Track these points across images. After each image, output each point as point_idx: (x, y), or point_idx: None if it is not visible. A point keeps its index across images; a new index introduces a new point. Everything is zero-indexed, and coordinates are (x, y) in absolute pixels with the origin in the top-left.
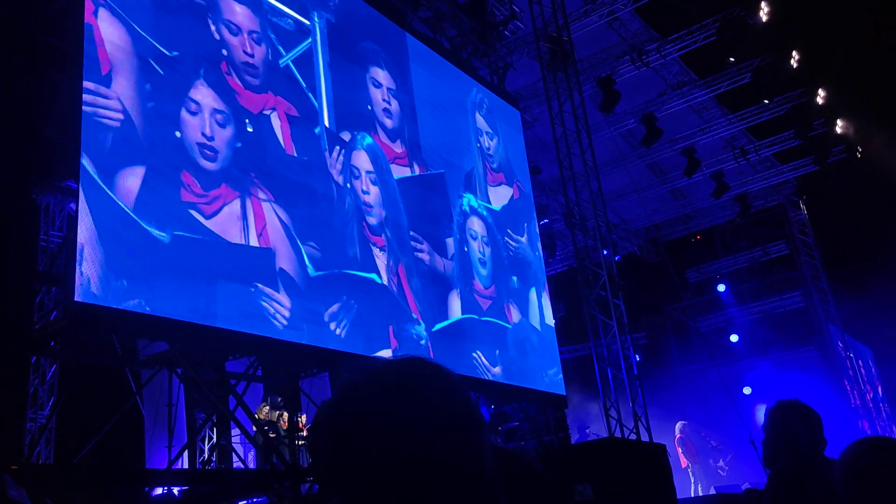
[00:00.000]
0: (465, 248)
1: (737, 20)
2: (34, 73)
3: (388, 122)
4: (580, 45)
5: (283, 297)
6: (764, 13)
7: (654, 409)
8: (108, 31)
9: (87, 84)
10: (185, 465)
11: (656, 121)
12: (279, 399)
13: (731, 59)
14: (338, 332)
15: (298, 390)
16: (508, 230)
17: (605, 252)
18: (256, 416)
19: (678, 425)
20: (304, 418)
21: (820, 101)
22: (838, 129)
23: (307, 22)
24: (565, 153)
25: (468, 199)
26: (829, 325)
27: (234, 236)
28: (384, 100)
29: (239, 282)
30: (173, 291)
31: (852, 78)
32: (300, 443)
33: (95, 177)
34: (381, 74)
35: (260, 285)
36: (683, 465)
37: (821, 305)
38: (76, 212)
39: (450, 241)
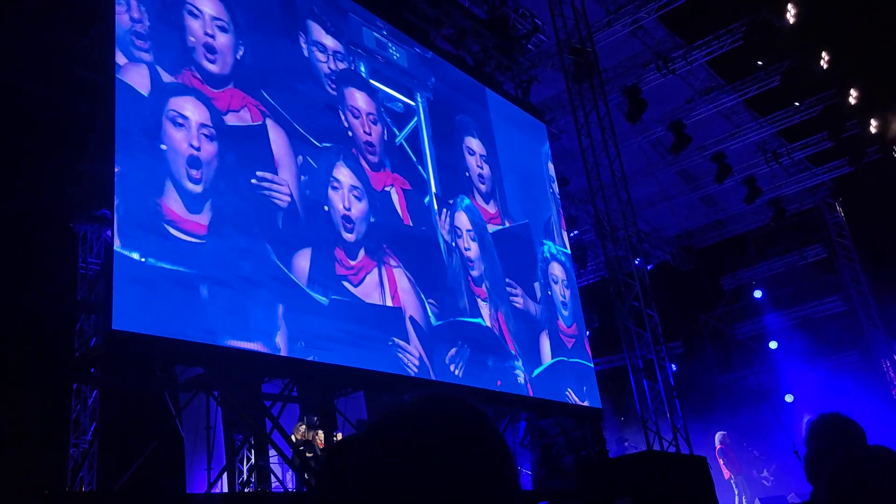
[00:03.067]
0: (549, 293)
1: (763, 23)
2: (69, 106)
3: (483, 187)
4: (604, 55)
5: (412, 348)
6: (791, 15)
7: (693, 419)
8: (275, 136)
9: (264, 174)
10: (225, 488)
11: (685, 128)
12: (315, 418)
13: (759, 63)
14: (456, 372)
15: (334, 409)
16: None
17: (636, 262)
18: (293, 436)
19: (718, 436)
20: (339, 437)
21: (852, 101)
22: (872, 129)
23: (413, 103)
24: (593, 164)
25: (548, 247)
26: (872, 330)
27: (375, 299)
28: (478, 166)
29: (380, 337)
30: (333, 347)
31: (884, 76)
32: None
33: (274, 258)
34: (474, 143)
35: (395, 339)
36: (726, 477)
37: (862, 309)
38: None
39: (537, 286)
